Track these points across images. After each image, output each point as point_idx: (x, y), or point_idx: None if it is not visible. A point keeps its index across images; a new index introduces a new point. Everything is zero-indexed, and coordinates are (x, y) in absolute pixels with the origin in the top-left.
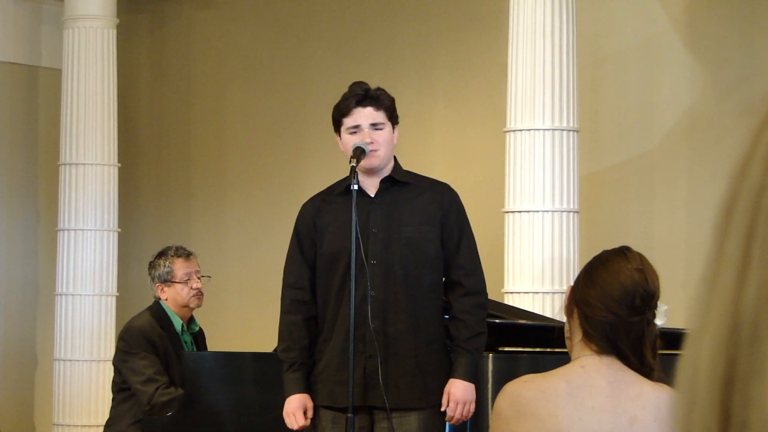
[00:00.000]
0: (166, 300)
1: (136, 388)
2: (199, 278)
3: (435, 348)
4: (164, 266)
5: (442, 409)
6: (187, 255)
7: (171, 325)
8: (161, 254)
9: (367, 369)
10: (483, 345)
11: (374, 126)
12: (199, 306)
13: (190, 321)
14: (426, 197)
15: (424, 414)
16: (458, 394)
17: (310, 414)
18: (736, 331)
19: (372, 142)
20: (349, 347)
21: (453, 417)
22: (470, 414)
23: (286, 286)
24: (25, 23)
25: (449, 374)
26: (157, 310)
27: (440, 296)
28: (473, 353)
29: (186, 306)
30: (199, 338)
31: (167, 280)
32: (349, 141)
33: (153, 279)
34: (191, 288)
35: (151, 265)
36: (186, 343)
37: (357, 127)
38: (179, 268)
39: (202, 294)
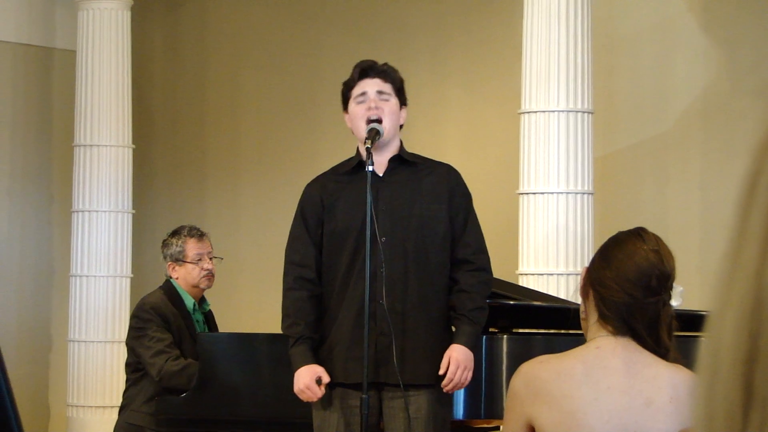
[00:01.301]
0: (177, 279)
1: (146, 361)
2: (210, 259)
3: (442, 326)
4: (176, 245)
5: (441, 372)
6: (200, 235)
7: (183, 303)
8: (175, 233)
9: (378, 346)
10: (485, 320)
11: (381, 94)
12: (209, 287)
13: (202, 301)
14: (433, 176)
15: (433, 391)
16: (459, 358)
17: (326, 379)
18: (759, 306)
19: (377, 108)
20: (359, 324)
21: (452, 380)
22: (467, 381)
23: (290, 263)
24: (39, 5)
25: None
26: (169, 288)
27: (447, 274)
28: (476, 324)
29: (196, 286)
30: (209, 318)
31: (179, 260)
32: (355, 111)
33: (165, 257)
34: (202, 269)
35: (164, 244)
36: (198, 322)
37: (364, 94)
38: (191, 248)
39: (212, 275)
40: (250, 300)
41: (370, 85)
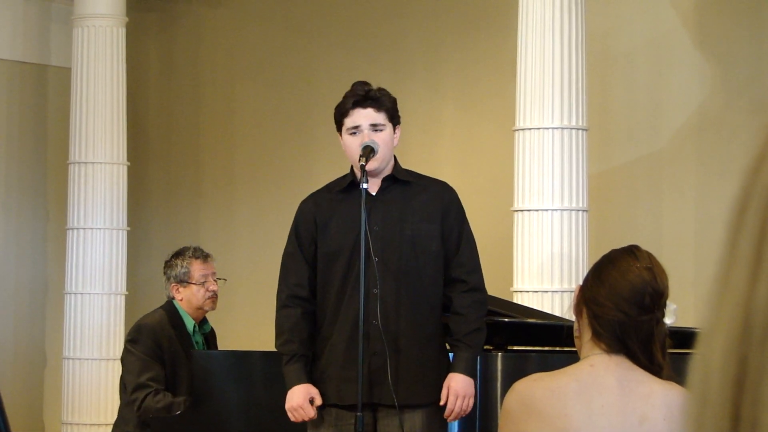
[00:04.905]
0: (180, 300)
1: (129, 393)
2: (215, 281)
3: (435, 344)
4: (181, 266)
5: (441, 403)
6: (205, 257)
7: (183, 325)
8: (178, 254)
9: (372, 366)
10: (482, 341)
11: (374, 127)
12: (213, 309)
13: (203, 322)
14: (426, 195)
15: (428, 410)
16: (458, 388)
17: (318, 401)
18: (747, 330)
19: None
20: (353, 345)
21: (452, 411)
22: (469, 408)
23: (284, 282)
24: (34, 22)
25: (448, 370)
26: (170, 309)
27: (440, 293)
28: (473, 348)
29: (200, 308)
30: (210, 339)
31: (183, 281)
32: (349, 142)
33: (168, 278)
34: (207, 290)
35: (167, 265)
36: (197, 343)
37: (357, 127)
38: (196, 269)
39: (216, 296)
40: (246, 318)
41: (363, 117)
